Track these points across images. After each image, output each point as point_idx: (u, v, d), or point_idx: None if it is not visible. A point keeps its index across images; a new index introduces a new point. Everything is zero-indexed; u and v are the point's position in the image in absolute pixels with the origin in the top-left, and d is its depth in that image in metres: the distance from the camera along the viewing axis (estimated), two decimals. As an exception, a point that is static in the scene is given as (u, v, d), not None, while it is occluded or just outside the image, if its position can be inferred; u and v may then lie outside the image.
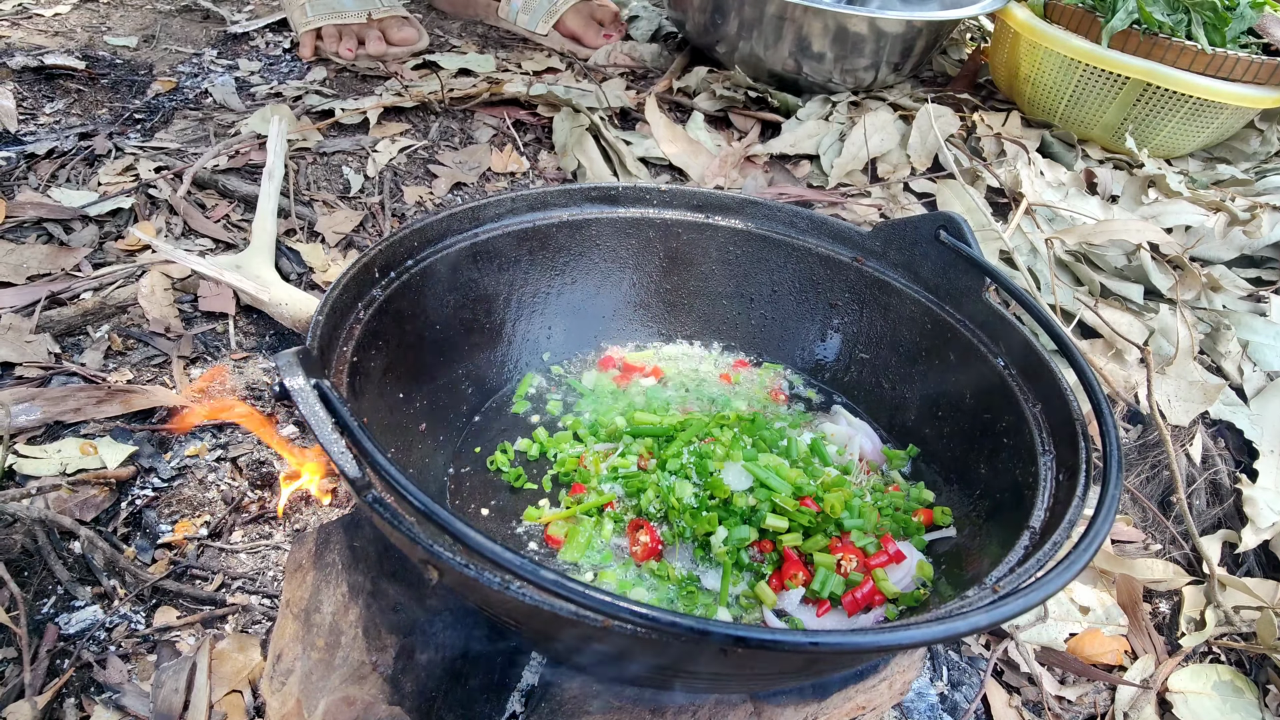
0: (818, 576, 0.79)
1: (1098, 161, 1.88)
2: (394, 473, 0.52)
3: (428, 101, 1.83)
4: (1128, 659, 1.14)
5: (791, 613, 0.80)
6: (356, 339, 0.81)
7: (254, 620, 0.95)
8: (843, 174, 1.80)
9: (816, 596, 0.79)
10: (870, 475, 0.96)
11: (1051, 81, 1.92)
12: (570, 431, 1.01)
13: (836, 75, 2.07)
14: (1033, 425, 0.80)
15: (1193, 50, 1.72)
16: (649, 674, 0.63)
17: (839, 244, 1.10)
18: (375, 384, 0.85)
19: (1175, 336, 1.37)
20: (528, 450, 0.99)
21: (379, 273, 0.89)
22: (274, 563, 1.01)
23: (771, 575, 0.82)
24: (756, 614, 0.81)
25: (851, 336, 1.09)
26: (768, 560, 0.83)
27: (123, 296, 1.27)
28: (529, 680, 0.78)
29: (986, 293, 0.94)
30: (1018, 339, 0.88)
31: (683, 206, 1.14)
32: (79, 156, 1.57)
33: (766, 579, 0.82)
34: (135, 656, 0.90)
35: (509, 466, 0.97)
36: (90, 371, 1.15)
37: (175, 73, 1.97)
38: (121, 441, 1.06)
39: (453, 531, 0.50)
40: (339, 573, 0.80)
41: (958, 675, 1.09)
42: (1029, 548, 0.64)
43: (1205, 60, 1.72)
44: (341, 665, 0.75)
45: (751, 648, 0.45)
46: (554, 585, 0.47)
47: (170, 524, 1.01)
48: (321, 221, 1.49)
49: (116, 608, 0.93)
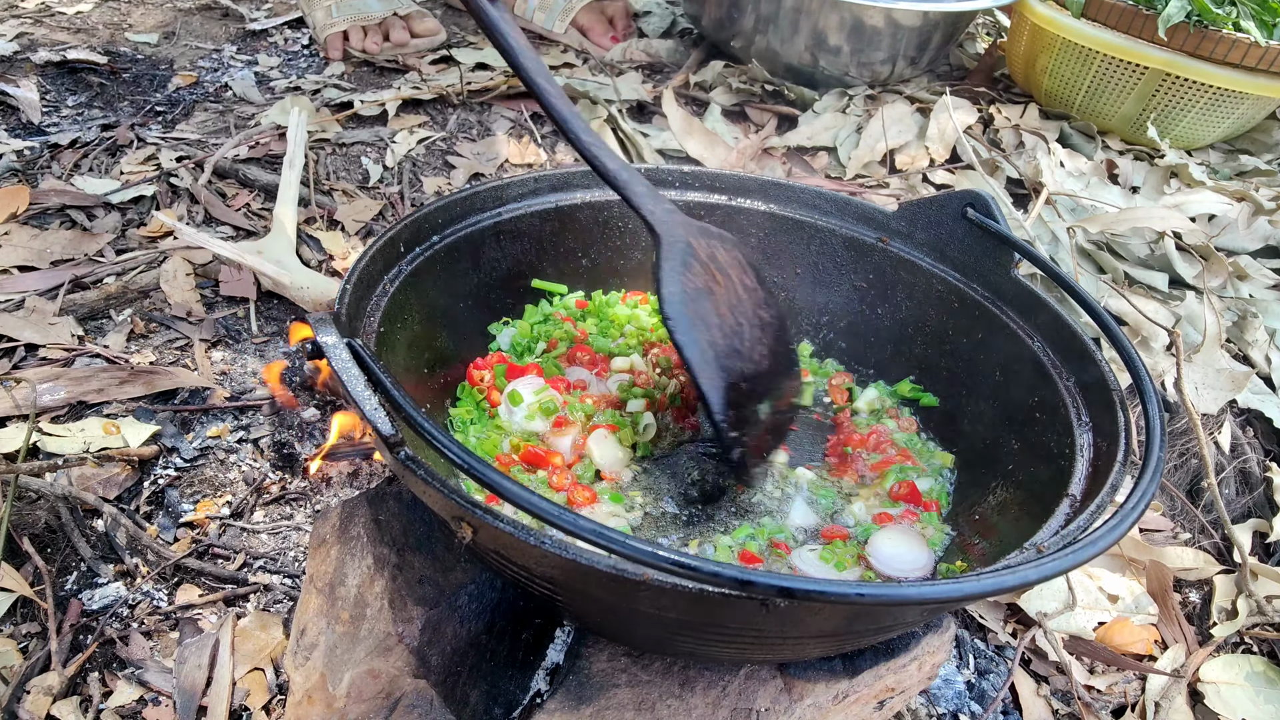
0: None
1: (1117, 152, 1.87)
2: (428, 425, 0.52)
3: (446, 94, 1.83)
4: (1158, 648, 1.12)
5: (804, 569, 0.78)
6: (383, 310, 0.80)
7: (275, 600, 0.95)
8: (860, 165, 1.80)
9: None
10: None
11: (1069, 73, 1.91)
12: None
13: (853, 68, 2.07)
14: (1067, 398, 0.78)
15: (1245, 43, 1.68)
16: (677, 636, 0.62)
17: (863, 225, 1.09)
18: (400, 357, 0.85)
19: (1202, 324, 1.36)
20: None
21: (404, 247, 0.89)
22: (295, 543, 1.01)
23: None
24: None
25: (876, 318, 1.08)
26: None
27: (145, 281, 1.28)
28: (554, 657, 0.77)
29: (1015, 269, 0.93)
30: (1049, 313, 0.87)
31: (704, 188, 1.13)
32: (101, 147, 1.58)
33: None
34: (158, 633, 0.89)
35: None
36: (113, 353, 1.15)
37: (195, 68, 1.99)
38: (144, 421, 1.06)
39: (488, 481, 0.49)
40: (364, 545, 0.79)
41: (984, 663, 1.07)
42: (1070, 514, 0.62)
43: (1259, 54, 1.68)
44: (367, 637, 0.75)
45: (799, 599, 0.44)
46: (593, 534, 0.47)
47: (192, 503, 1.01)
48: (341, 210, 1.50)
49: (139, 585, 0.93)
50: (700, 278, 0.81)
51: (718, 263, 0.85)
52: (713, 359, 0.78)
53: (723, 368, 0.79)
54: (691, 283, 0.80)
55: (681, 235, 0.83)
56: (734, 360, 0.81)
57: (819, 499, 0.88)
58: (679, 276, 0.79)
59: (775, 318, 0.91)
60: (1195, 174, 1.67)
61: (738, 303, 0.85)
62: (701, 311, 0.79)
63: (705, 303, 0.80)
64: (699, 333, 0.77)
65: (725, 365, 0.79)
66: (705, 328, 0.78)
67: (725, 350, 0.80)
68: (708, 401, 0.77)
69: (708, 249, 0.85)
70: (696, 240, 0.84)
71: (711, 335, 0.79)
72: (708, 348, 0.77)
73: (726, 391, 0.79)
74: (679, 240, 0.82)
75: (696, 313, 0.78)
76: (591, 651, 0.74)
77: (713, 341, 0.79)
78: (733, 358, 0.81)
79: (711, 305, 0.81)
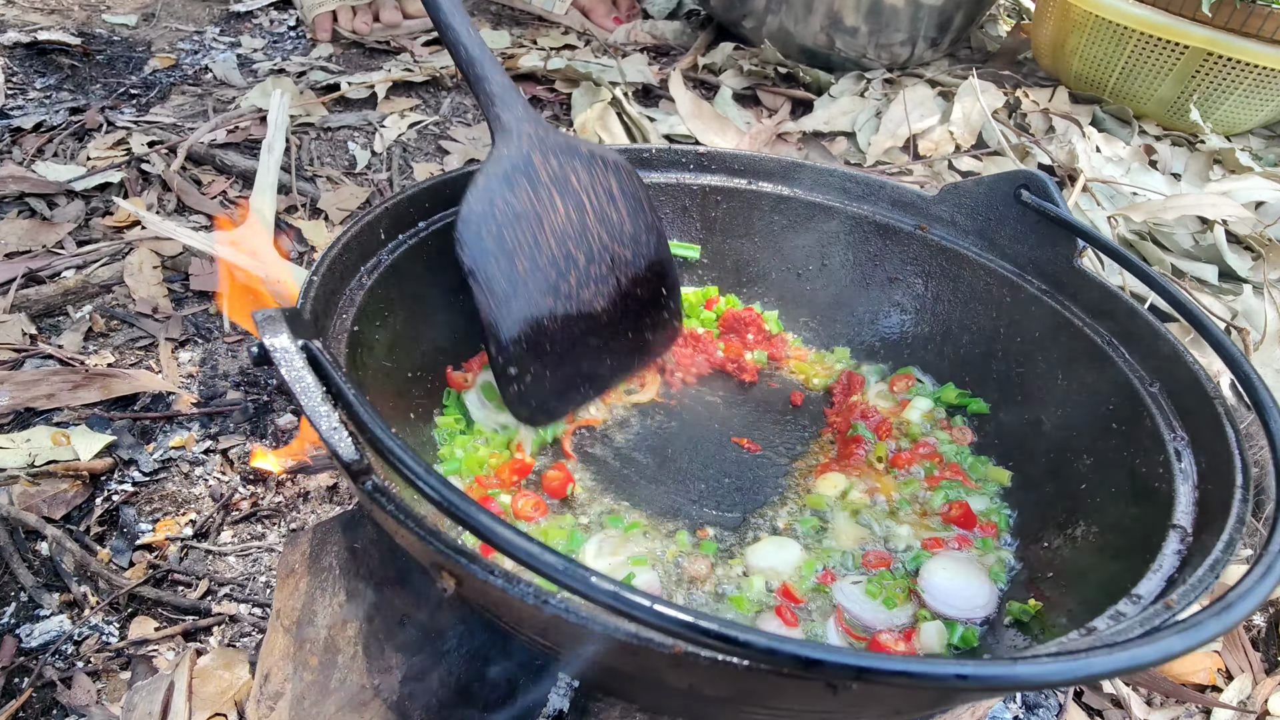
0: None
1: (1154, 138, 1.76)
2: (401, 450, 0.41)
3: (439, 76, 1.72)
4: (1222, 678, 1.01)
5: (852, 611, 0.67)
6: (359, 306, 0.69)
7: (243, 632, 0.84)
8: (881, 151, 1.68)
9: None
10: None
11: (1101, 54, 1.79)
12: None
13: (871, 50, 1.96)
14: (1152, 406, 0.67)
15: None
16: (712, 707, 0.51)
17: (899, 211, 0.98)
18: (380, 360, 0.74)
19: (1261, 319, 1.25)
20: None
21: (385, 234, 0.78)
22: (267, 566, 0.90)
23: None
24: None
25: (915, 314, 0.97)
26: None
27: (108, 275, 1.17)
28: (558, 704, 0.66)
29: (1079, 259, 0.82)
30: (1121, 308, 0.76)
31: (722, 171, 1.02)
32: (68, 131, 1.47)
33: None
34: (106, 674, 0.79)
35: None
36: (68, 354, 1.04)
37: (175, 50, 1.87)
38: (99, 430, 0.95)
39: (475, 525, 0.38)
40: (336, 579, 0.68)
41: (1034, 697, 0.97)
42: (1184, 551, 0.51)
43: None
44: (338, 689, 0.64)
45: (878, 681, 0.33)
46: (611, 598, 0.36)
47: (151, 523, 0.90)
48: (325, 198, 1.39)
49: (87, 617, 0.82)
50: (525, 198, 0.75)
51: (566, 185, 0.77)
52: (507, 292, 0.74)
53: (526, 302, 0.75)
54: (509, 202, 0.74)
55: (522, 148, 0.75)
56: (546, 298, 0.76)
57: (859, 519, 0.77)
58: (494, 193, 0.73)
59: (643, 257, 0.84)
60: (1242, 159, 1.56)
61: (578, 234, 0.78)
62: (512, 237, 0.74)
63: (521, 228, 0.74)
64: (494, 262, 0.73)
65: (529, 300, 0.75)
66: (506, 256, 0.73)
67: (536, 285, 0.75)
68: (485, 340, 0.74)
69: (558, 169, 0.77)
70: (543, 156, 0.76)
71: (515, 265, 0.74)
72: (501, 278, 0.73)
73: (523, 329, 0.75)
74: (516, 153, 0.75)
75: (499, 237, 0.73)
76: (602, 707, 0.63)
77: (515, 273, 0.74)
78: (546, 295, 0.76)
79: (529, 232, 0.75)
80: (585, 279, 0.79)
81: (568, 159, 0.78)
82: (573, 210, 0.78)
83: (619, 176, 0.82)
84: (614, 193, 0.81)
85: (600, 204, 0.80)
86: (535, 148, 0.76)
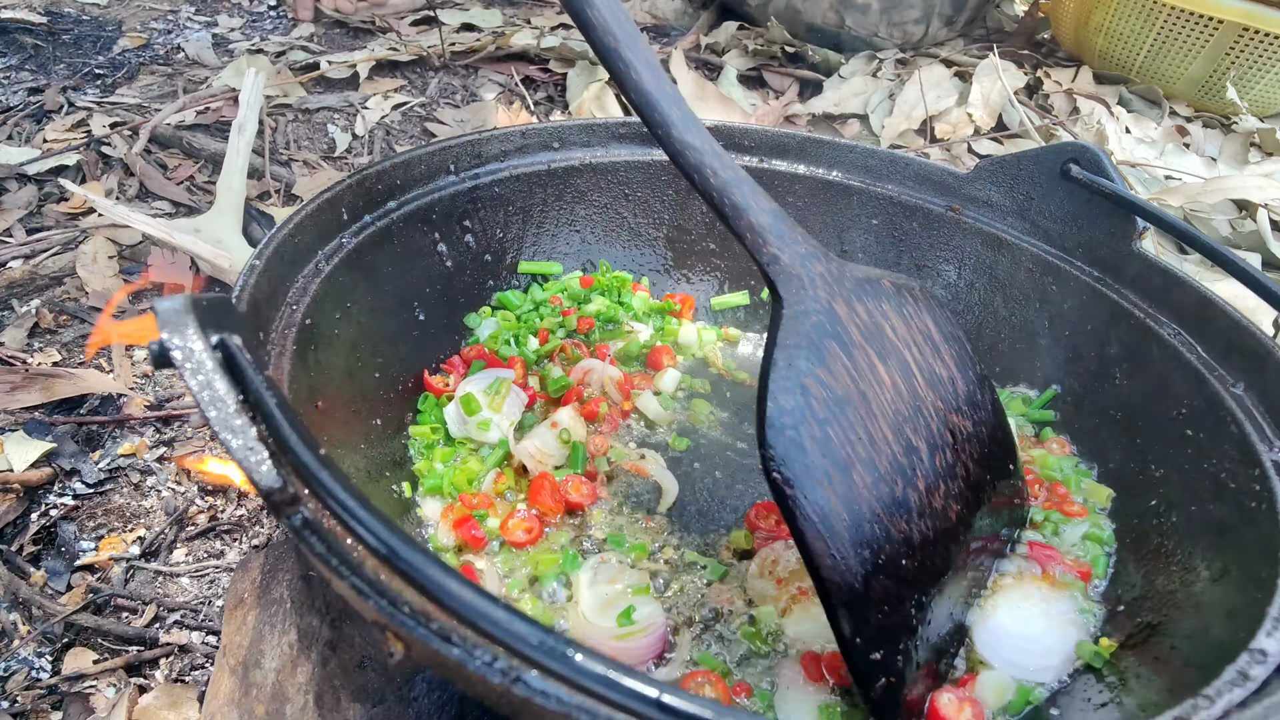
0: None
1: (1184, 119, 1.66)
2: (331, 481, 0.31)
3: (426, 55, 1.62)
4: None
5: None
6: (312, 296, 0.60)
7: (194, 664, 0.74)
8: (895, 134, 1.58)
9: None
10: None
11: (1128, 30, 1.69)
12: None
13: (883, 29, 1.86)
14: (1237, 411, 0.58)
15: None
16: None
17: (928, 190, 0.88)
18: (341, 359, 0.64)
19: (1313, 311, 1.15)
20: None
21: (348, 215, 0.68)
22: (224, 588, 0.81)
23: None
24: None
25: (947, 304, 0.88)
26: None
27: (59, 265, 1.07)
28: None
29: (1138, 241, 0.73)
30: (1192, 298, 0.66)
31: (732, 148, 0.93)
32: (24, 112, 1.37)
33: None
34: (35, 714, 0.69)
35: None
36: (8, 352, 0.94)
37: (147, 29, 1.77)
38: (37, 437, 0.86)
39: (425, 581, 0.29)
40: (287, 613, 0.59)
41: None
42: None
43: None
44: (287, 744, 0.54)
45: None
46: (597, 681, 0.26)
47: (94, 540, 0.81)
48: (301, 183, 1.29)
49: (15, 650, 0.72)
50: (844, 373, 0.51)
51: (883, 341, 0.53)
52: (848, 525, 0.48)
53: (867, 539, 0.48)
54: (826, 385, 0.50)
55: (819, 298, 0.52)
56: (893, 520, 0.50)
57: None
58: (803, 374, 0.49)
59: (984, 425, 0.58)
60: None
61: (912, 412, 0.53)
62: (841, 437, 0.49)
63: (847, 421, 0.50)
64: (827, 484, 0.48)
65: (873, 533, 0.49)
66: (840, 470, 0.48)
67: (883, 505, 0.50)
68: (833, 609, 0.47)
69: (868, 319, 0.53)
70: (847, 306, 0.53)
71: (854, 482, 0.49)
72: (842, 509, 0.48)
73: (881, 585, 0.48)
74: (816, 307, 0.51)
75: (825, 442, 0.48)
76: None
77: (855, 494, 0.49)
78: (891, 515, 0.50)
79: (859, 423, 0.50)
80: (933, 480, 0.54)
81: (874, 302, 0.55)
82: (899, 377, 0.54)
83: (933, 312, 0.59)
84: (934, 338, 0.58)
85: (927, 359, 0.57)
86: (836, 295, 0.53)
